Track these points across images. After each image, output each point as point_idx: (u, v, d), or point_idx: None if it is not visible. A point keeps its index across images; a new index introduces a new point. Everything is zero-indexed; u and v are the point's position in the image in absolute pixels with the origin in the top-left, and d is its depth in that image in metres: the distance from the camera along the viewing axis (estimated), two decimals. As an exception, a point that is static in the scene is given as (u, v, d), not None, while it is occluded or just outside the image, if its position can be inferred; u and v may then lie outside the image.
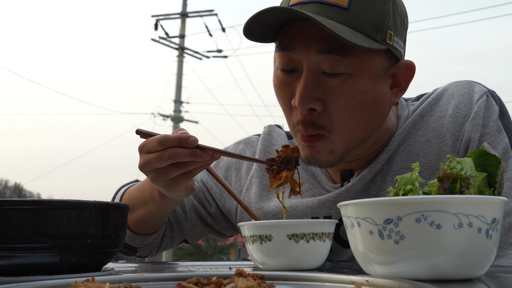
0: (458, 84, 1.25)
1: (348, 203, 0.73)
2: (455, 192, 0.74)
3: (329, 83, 1.09)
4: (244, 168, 1.43)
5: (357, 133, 1.14)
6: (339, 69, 1.07)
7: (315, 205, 1.26)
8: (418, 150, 1.20)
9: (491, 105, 1.19)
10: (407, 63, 1.16)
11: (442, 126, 1.20)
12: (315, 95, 1.09)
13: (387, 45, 1.09)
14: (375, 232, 0.68)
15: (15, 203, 0.82)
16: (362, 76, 1.09)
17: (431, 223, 0.65)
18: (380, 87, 1.12)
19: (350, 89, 1.09)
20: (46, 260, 0.82)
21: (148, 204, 1.27)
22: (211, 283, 0.62)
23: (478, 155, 0.78)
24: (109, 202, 0.90)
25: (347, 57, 1.06)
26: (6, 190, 63.13)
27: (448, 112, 1.20)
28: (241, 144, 1.48)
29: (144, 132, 1.09)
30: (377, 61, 1.10)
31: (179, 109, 19.36)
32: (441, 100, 1.23)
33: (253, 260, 1.01)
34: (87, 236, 0.85)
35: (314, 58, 1.08)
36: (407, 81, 1.18)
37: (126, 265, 1.21)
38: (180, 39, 19.62)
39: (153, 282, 0.72)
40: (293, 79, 1.13)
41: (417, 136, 1.21)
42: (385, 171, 1.22)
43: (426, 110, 1.23)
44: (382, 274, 0.70)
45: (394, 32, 1.11)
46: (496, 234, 0.68)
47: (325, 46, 1.06)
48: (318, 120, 1.11)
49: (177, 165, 1.05)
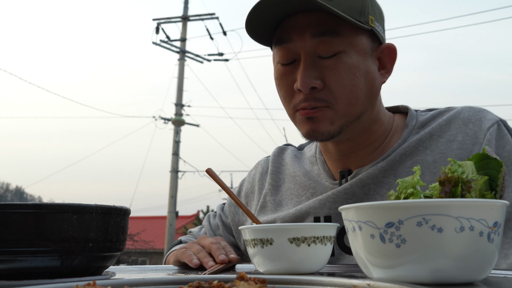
0: (470, 109, 1.29)
1: (349, 207, 0.73)
2: (457, 196, 0.74)
3: (325, 64, 1.21)
4: (256, 190, 1.55)
5: (355, 106, 1.24)
6: (333, 49, 1.21)
7: (316, 205, 1.34)
8: (424, 168, 1.23)
9: (504, 134, 1.23)
10: (389, 45, 1.30)
11: (450, 150, 1.24)
12: (315, 75, 1.21)
13: (370, 27, 1.23)
14: (376, 236, 0.68)
15: (16, 207, 0.82)
16: (352, 53, 1.22)
17: (433, 226, 0.65)
18: (369, 64, 1.25)
19: (345, 64, 1.21)
20: (47, 264, 0.82)
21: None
22: (213, 286, 0.62)
23: (479, 159, 0.78)
24: (110, 205, 0.90)
25: (338, 37, 1.20)
26: (7, 193, 63.08)
27: (458, 137, 1.25)
28: (252, 170, 1.62)
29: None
30: (364, 40, 1.24)
31: (180, 113, 19.36)
32: (452, 123, 1.28)
33: (254, 263, 1.01)
34: (89, 239, 0.85)
35: (309, 43, 1.21)
36: (392, 63, 1.31)
37: (127, 269, 1.21)
38: (181, 42, 19.63)
39: (154, 286, 0.72)
40: (293, 69, 1.25)
41: (424, 155, 1.26)
42: (391, 184, 1.26)
43: (436, 130, 1.28)
44: (383, 278, 0.70)
45: (374, 18, 1.26)
46: (498, 237, 0.68)
47: (317, 30, 1.20)
48: (320, 96, 1.22)
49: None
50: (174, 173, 18.52)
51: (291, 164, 1.49)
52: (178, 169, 18.79)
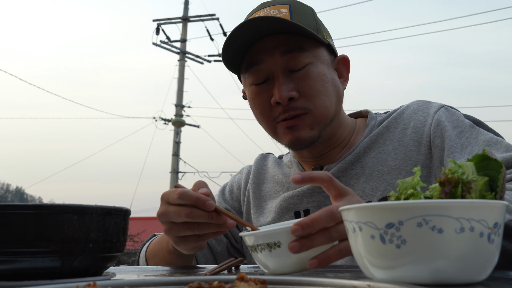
0: (419, 102, 1.50)
1: (349, 208, 0.73)
2: (457, 197, 0.74)
3: (297, 76, 1.37)
4: (243, 189, 1.66)
5: (329, 109, 1.39)
6: (301, 62, 1.37)
7: (295, 201, 1.50)
8: (386, 156, 1.43)
9: (453, 112, 1.42)
10: (343, 56, 1.50)
11: (405, 136, 1.43)
12: (290, 87, 1.36)
13: (327, 41, 1.43)
14: (376, 237, 0.68)
15: (16, 208, 0.82)
16: (318, 63, 1.39)
17: (433, 227, 0.65)
18: (332, 73, 1.43)
19: (314, 73, 1.38)
20: (47, 264, 0.82)
21: (165, 255, 1.39)
22: (213, 287, 0.62)
23: (479, 159, 0.78)
24: (111, 206, 0.90)
25: (304, 51, 1.37)
26: (7, 194, 63.08)
27: (411, 124, 1.44)
28: (237, 175, 1.74)
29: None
30: (324, 53, 1.42)
31: (181, 113, 19.37)
32: (403, 115, 1.48)
33: (263, 266, 0.99)
34: (89, 240, 0.85)
35: (280, 60, 1.36)
36: (347, 71, 1.51)
37: (127, 269, 1.21)
38: (182, 43, 19.64)
39: (154, 287, 0.72)
40: (267, 87, 1.39)
41: (385, 145, 1.45)
42: (359, 174, 1.43)
43: (391, 123, 1.48)
44: (383, 279, 0.70)
45: (327, 34, 1.46)
46: (498, 238, 0.68)
47: (285, 48, 1.36)
48: (297, 105, 1.36)
49: (190, 225, 1.08)
50: (174, 174, 18.53)
51: (271, 168, 1.65)
52: (178, 170, 18.81)
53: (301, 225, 0.88)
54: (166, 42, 19.25)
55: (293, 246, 0.88)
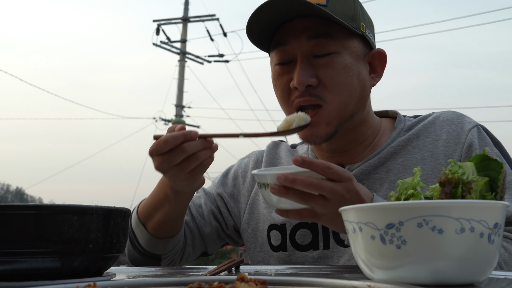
0: (452, 113, 1.45)
1: (349, 208, 0.73)
2: (457, 197, 0.74)
3: (320, 62, 1.31)
4: (249, 177, 1.57)
5: (349, 105, 1.33)
6: (327, 50, 1.31)
7: None
8: (414, 165, 1.36)
9: (484, 136, 1.38)
10: (379, 50, 1.41)
11: (436, 148, 1.38)
12: (310, 74, 1.30)
13: (362, 32, 1.34)
14: (376, 237, 0.68)
15: (16, 208, 0.82)
16: (346, 54, 1.32)
17: (433, 227, 0.65)
18: (361, 67, 1.35)
19: (338, 63, 1.31)
20: (47, 265, 0.82)
21: (164, 205, 1.34)
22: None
23: (479, 160, 0.78)
24: (111, 207, 0.90)
25: (332, 39, 1.31)
26: (7, 194, 63.08)
27: (443, 136, 1.39)
28: (245, 159, 1.65)
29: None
30: (356, 44, 1.34)
31: (181, 114, 19.38)
32: (436, 124, 1.42)
33: (271, 203, 1.12)
34: (89, 241, 0.85)
35: (305, 45, 1.31)
36: (382, 67, 1.42)
37: (127, 270, 1.21)
38: (182, 43, 19.64)
39: (155, 287, 0.72)
40: (290, 69, 1.34)
41: (413, 153, 1.39)
42: (383, 179, 1.37)
43: (422, 131, 1.42)
44: (384, 279, 0.70)
45: (365, 25, 1.37)
46: (498, 239, 0.68)
47: (313, 33, 1.31)
48: (315, 92, 1.31)
49: (190, 158, 1.13)
50: (174, 174, 18.49)
51: (285, 158, 1.56)
52: (178, 170, 18.76)
53: (284, 177, 1.02)
54: (166, 43, 19.25)
55: (272, 187, 1.05)
